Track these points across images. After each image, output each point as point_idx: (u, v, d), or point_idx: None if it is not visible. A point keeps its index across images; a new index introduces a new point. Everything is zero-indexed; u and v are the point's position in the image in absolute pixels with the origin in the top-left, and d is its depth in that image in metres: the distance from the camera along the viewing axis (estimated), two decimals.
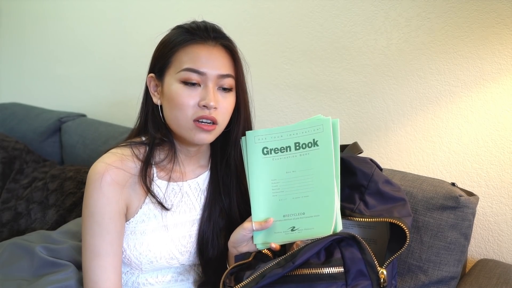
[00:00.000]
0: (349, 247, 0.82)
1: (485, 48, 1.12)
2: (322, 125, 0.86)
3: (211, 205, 1.01)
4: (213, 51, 0.92)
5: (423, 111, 1.23)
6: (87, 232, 0.91)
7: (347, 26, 1.35)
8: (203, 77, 0.90)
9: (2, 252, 1.09)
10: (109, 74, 2.07)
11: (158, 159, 0.98)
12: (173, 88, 0.91)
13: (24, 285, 0.99)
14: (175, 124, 0.93)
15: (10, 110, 2.06)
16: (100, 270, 0.90)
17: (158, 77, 0.95)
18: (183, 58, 0.91)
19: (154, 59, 0.97)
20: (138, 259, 0.96)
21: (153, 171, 0.98)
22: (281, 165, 0.89)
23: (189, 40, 0.91)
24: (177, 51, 0.92)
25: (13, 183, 1.59)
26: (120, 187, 0.92)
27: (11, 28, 2.56)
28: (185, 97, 0.89)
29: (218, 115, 0.91)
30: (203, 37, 0.92)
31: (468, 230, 1.02)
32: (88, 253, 0.91)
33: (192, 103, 0.90)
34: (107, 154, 0.95)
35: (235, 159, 1.01)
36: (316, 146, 0.86)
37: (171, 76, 0.92)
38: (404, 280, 1.03)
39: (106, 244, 0.91)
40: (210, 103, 0.89)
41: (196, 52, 0.91)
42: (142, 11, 1.90)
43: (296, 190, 0.88)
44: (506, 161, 1.12)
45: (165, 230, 0.97)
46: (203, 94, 0.90)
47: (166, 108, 0.94)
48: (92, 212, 0.91)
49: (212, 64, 0.91)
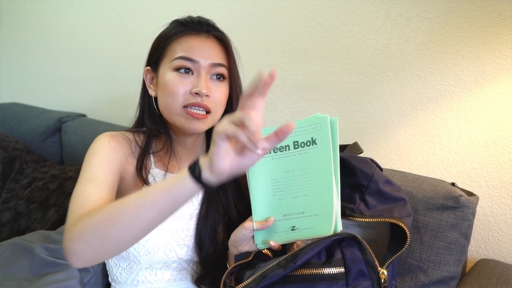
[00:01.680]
0: (350, 247, 0.82)
1: (485, 48, 1.12)
2: (320, 123, 0.85)
3: (208, 200, 1.02)
4: (206, 41, 0.95)
5: (423, 111, 1.23)
6: (85, 167, 0.88)
7: (347, 26, 1.35)
8: (196, 65, 0.93)
9: (2, 252, 1.09)
10: (109, 74, 2.07)
11: (156, 149, 1.01)
12: (167, 77, 0.94)
13: (25, 285, 0.99)
14: (167, 111, 0.95)
15: (10, 110, 2.06)
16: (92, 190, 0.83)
17: (153, 69, 0.98)
18: (176, 48, 0.94)
19: (150, 53, 1.01)
20: (136, 249, 0.96)
21: (151, 160, 1.00)
22: (280, 164, 0.89)
23: (183, 31, 0.95)
24: (171, 42, 0.95)
25: (13, 183, 1.59)
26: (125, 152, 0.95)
27: (12, 28, 2.56)
28: (178, 84, 0.92)
29: (210, 103, 0.93)
30: (197, 29, 0.96)
31: (468, 230, 1.02)
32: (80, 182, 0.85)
33: (184, 90, 0.92)
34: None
35: None
36: (315, 144, 0.86)
37: (165, 65, 0.95)
38: (404, 280, 1.03)
39: (104, 172, 0.88)
40: (202, 90, 0.91)
41: (190, 42, 0.94)
42: (142, 11, 1.90)
43: (295, 189, 0.88)
44: (506, 161, 1.12)
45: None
46: (195, 81, 0.92)
47: (160, 97, 0.96)
48: (96, 151, 0.91)
49: (204, 53, 0.93)
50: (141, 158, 0.98)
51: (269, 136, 0.67)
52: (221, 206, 1.03)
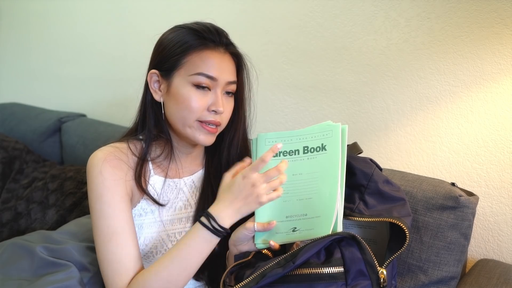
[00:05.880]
0: (349, 247, 0.82)
1: (485, 48, 1.12)
2: (332, 131, 0.88)
3: (204, 201, 1.03)
4: (224, 57, 0.96)
5: (423, 111, 1.23)
6: (98, 216, 0.91)
7: (347, 26, 1.35)
8: (214, 83, 0.94)
9: (2, 252, 1.09)
10: (109, 74, 2.07)
11: (154, 155, 1.00)
12: (184, 90, 0.93)
13: (25, 285, 0.99)
14: (180, 123, 0.95)
15: (10, 110, 2.06)
16: (119, 247, 0.89)
17: (164, 76, 0.96)
18: (197, 62, 0.93)
19: (160, 56, 0.97)
20: None
21: (150, 167, 1.00)
22: (288, 167, 0.90)
23: (202, 44, 0.94)
24: (191, 54, 0.94)
25: (13, 183, 1.59)
26: (123, 173, 0.94)
27: (12, 28, 2.56)
28: (197, 100, 0.93)
29: (223, 118, 0.96)
30: (215, 41, 0.95)
31: (468, 230, 1.02)
32: (102, 238, 0.90)
33: (201, 107, 0.93)
34: (103, 147, 0.97)
35: (228, 160, 1.03)
36: (324, 150, 0.88)
37: (182, 77, 0.94)
38: (404, 280, 1.03)
39: (120, 221, 0.90)
40: (220, 109, 0.93)
41: (210, 57, 0.94)
42: (142, 11, 1.90)
43: (300, 192, 0.88)
44: (506, 161, 1.12)
45: (161, 225, 0.99)
46: (213, 99, 0.94)
47: (171, 107, 0.95)
48: (100, 194, 0.91)
49: (223, 70, 0.95)
50: (138, 167, 0.97)
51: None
52: None
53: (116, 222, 0.90)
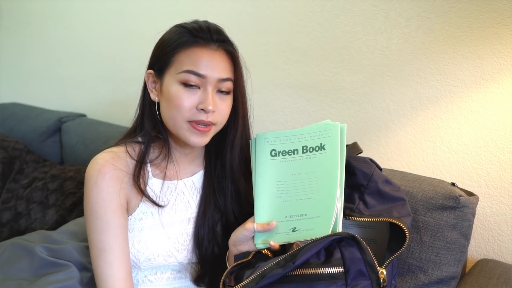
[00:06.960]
0: (349, 247, 0.82)
1: (485, 48, 1.12)
2: (331, 130, 0.87)
3: (205, 202, 1.02)
4: (214, 54, 0.92)
5: (423, 111, 1.23)
6: (92, 229, 0.92)
7: (347, 26, 1.35)
8: (203, 80, 0.90)
9: (2, 252, 1.09)
10: (109, 74, 2.07)
11: (153, 156, 0.99)
12: (173, 89, 0.91)
13: (25, 285, 0.99)
14: (171, 124, 0.94)
15: (10, 110, 2.06)
16: (106, 266, 0.90)
17: (157, 75, 0.95)
18: (184, 59, 0.91)
19: (154, 56, 0.97)
20: (136, 257, 0.96)
21: (148, 169, 0.99)
22: (287, 167, 0.90)
23: (191, 41, 0.91)
24: (179, 52, 0.91)
25: (13, 183, 1.59)
26: (118, 182, 0.93)
27: (12, 28, 2.56)
28: (184, 99, 0.90)
29: (215, 117, 0.92)
30: (206, 39, 0.91)
31: (468, 230, 1.02)
32: (95, 250, 0.92)
33: (190, 106, 0.90)
34: (101, 152, 0.96)
35: (231, 160, 1.01)
36: (323, 150, 0.88)
37: (171, 76, 0.92)
38: (404, 280, 1.03)
39: (111, 238, 0.91)
40: (209, 107, 0.89)
41: (198, 54, 0.90)
42: (142, 11, 1.90)
43: (300, 192, 0.88)
44: (506, 161, 1.12)
45: (162, 228, 0.98)
46: (202, 97, 0.90)
47: (164, 107, 0.94)
48: (94, 208, 0.91)
49: (213, 67, 0.91)
50: (137, 170, 0.96)
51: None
52: (218, 206, 1.03)
53: (107, 238, 0.91)
